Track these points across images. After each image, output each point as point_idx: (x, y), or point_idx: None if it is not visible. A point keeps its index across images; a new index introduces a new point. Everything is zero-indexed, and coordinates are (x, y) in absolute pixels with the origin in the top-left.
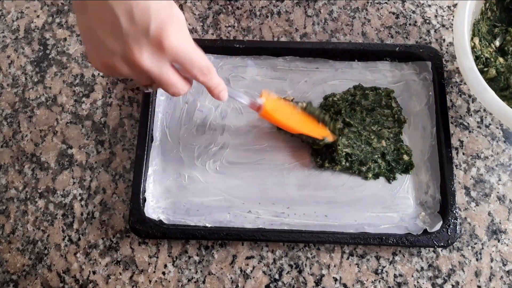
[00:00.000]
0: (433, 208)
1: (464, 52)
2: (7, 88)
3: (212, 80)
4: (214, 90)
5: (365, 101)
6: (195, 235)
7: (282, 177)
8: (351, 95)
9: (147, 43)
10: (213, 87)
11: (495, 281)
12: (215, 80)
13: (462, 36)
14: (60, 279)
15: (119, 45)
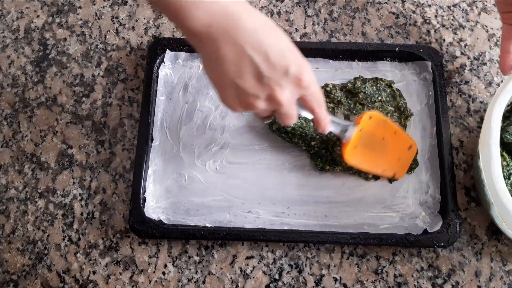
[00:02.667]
0: (433, 208)
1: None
2: (7, 88)
3: (323, 113)
4: (321, 122)
5: (365, 89)
6: (195, 235)
7: (282, 177)
8: (350, 83)
9: (288, 82)
10: (322, 119)
11: (495, 281)
12: (324, 113)
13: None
14: (60, 279)
15: (262, 89)
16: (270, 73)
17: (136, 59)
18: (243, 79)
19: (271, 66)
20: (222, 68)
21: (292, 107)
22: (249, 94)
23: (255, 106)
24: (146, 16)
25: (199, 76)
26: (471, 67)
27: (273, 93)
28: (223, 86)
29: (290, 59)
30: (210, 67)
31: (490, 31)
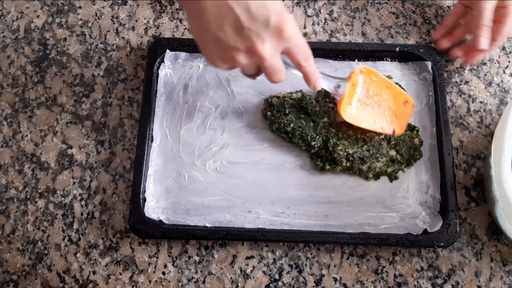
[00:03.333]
0: (433, 208)
1: None
2: (7, 88)
3: (311, 66)
4: (311, 78)
5: None
6: (195, 235)
7: (282, 177)
8: None
9: (268, 34)
10: (311, 74)
11: (495, 281)
12: (313, 67)
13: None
14: (60, 279)
15: (241, 41)
16: (250, 24)
17: (136, 59)
18: (223, 31)
19: (251, 17)
20: (204, 21)
21: (276, 60)
22: (229, 46)
23: (235, 60)
24: (146, 16)
25: (199, 76)
26: (471, 67)
27: (253, 45)
28: (205, 40)
29: (271, 10)
30: (193, 22)
31: None
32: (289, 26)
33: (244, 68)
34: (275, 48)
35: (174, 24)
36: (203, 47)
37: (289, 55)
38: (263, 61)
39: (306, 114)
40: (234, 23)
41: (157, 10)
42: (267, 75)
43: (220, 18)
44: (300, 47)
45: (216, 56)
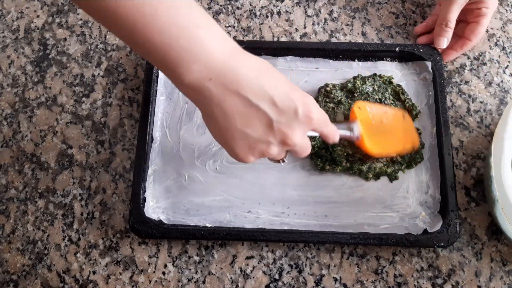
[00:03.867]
0: (433, 208)
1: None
2: (7, 88)
3: (330, 128)
4: (331, 137)
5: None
6: (195, 235)
7: (282, 177)
8: (349, 83)
9: (298, 124)
10: (331, 134)
11: (495, 281)
12: (332, 127)
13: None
14: (60, 279)
15: (273, 135)
16: (280, 118)
17: (136, 59)
18: (252, 128)
19: (279, 110)
20: (229, 122)
21: (305, 140)
22: (261, 142)
23: (269, 153)
24: None
25: None
26: (471, 67)
27: (286, 137)
28: (232, 139)
29: (296, 99)
30: (213, 122)
31: (490, 31)
32: (314, 110)
33: (274, 157)
34: (304, 132)
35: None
36: (230, 146)
37: (314, 130)
38: (295, 147)
39: None
40: (263, 119)
41: None
42: (297, 155)
43: (246, 117)
44: (324, 121)
45: (246, 153)
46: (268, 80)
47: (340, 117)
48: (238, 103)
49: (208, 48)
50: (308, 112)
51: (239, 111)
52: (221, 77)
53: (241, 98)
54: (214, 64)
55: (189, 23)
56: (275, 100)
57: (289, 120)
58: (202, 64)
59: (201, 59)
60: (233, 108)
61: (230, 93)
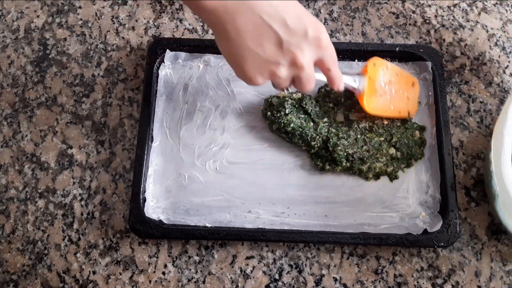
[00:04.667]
0: (433, 208)
1: None
2: (7, 88)
3: (337, 70)
4: (337, 80)
5: None
6: (195, 235)
7: (282, 177)
8: None
9: (308, 45)
10: (337, 77)
11: (495, 281)
12: (339, 70)
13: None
14: (60, 279)
15: (283, 55)
16: (290, 38)
17: (136, 59)
18: (263, 47)
19: (290, 31)
20: (240, 40)
21: (312, 69)
22: (271, 61)
23: (276, 74)
24: (146, 16)
25: (199, 76)
26: (471, 67)
27: (295, 57)
28: (242, 58)
29: (307, 21)
30: (225, 41)
31: (490, 31)
32: (324, 35)
33: (281, 82)
34: (313, 57)
35: (174, 24)
36: (240, 65)
37: (322, 62)
38: (303, 71)
39: (306, 114)
40: (274, 39)
41: (157, 10)
42: (302, 84)
43: (258, 36)
44: (332, 54)
45: (255, 72)
46: (282, 2)
47: (340, 117)
48: (251, 21)
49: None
50: (318, 34)
51: (251, 29)
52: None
53: (255, 16)
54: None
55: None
56: (286, 21)
57: (299, 41)
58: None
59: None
60: (246, 26)
61: (244, 10)
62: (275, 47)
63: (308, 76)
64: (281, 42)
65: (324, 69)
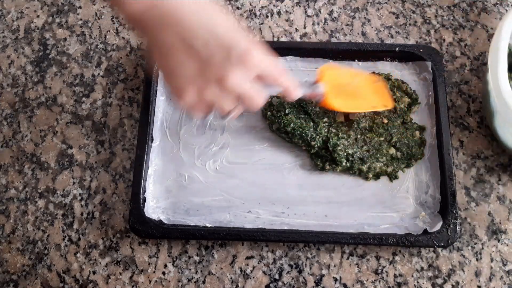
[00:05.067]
0: (433, 208)
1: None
2: (7, 88)
3: (287, 80)
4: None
5: None
6: (195, 235)
7: (282, 177)
8: None
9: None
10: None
11: (495, 281)
12: (289, 80)
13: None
14: (60, 279)
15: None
16: (212, 58)
17: (136, 59)
18: (185, 66)
19: (212, 51)
20: (164, 56)
21: (247, 87)
22: (195, 81)
23: (204, 93)
24: None
25: None
26: (471, 67)
27: (220, 79)
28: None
29: (233, 41)
30: (157, 52)
31: (490, 31)
32: (253, 53)
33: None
34: (247, 76)
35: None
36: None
37: (262, 78)
38: (234, 92)
39: (306, 114)
40: (196, 58)
41: None
42: (245, 104)
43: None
44: (270, 68)
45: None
46: (207, 19)
47: (340, 117)
48: (173, 39)
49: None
50: (244, 54)
51: (174, 47)
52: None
53: (177, 34)
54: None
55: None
56: (209, 40)
57: (222, 61)
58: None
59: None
60: (168, 44)
61: (167, 27)
62: (197, 66)
63: (244, 94)
64: (203, 62)
65: (270, 84)
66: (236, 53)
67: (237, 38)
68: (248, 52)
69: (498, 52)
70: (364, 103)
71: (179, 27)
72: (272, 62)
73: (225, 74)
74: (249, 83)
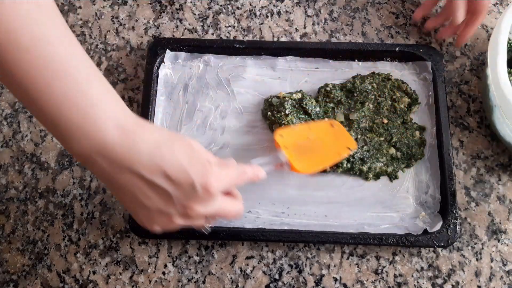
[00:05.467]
0: (433, 208)
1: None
2: (7, 88)
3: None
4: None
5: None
6: (195, 235)
7: (282, 177)
8: (349, 83)
9: (197, 197)
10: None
11: (495, 281)
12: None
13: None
14: (60, 279)
15: (174, 208)
16: (177, 191)
17: (136, 59)
18: (151, 201)
19: (175, 184)
20: (125, 195)
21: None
22: (162, 213)
23: (173, 224)
24: (146, 16)
25: (199, 76)
26: (471, 67)
27: (187, 210)
28: (133, 210)
29: (193, 173)
30: (113, 191)
31: (490, 31)
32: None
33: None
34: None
35: (174, 24)
36: (134, 215)
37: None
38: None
39: (306, 114)
40: (161, 192)
41: (157, 10)
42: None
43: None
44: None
45: (150, 223)
46: (163, 154)
47: (340, 117)
48: (132, 178)
49: (99, 126)
50: (206, 185)
51: (135, 185)
52: (111, 154)
53: (134, 174)
54: (104, 142)
55: (83, 100)
56: (169, 174)
57: (188, 194)
58: (91, 140)
59: (90, 136)
60: (128, 183)
61: (122, 169)
62: (163, 200)
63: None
64: (169, 196)
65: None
66: (199, 184)
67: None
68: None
69: (497, 45)
70: (329, 154)
71: (136, 168)
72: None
73: (192, 205)
74: (217, 202)
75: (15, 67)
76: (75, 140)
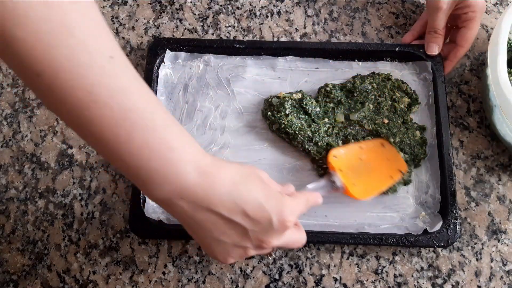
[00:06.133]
0: (433, 208)
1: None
2: (7, 88)
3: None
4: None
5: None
6: None
7: (282, 177)
8: (349, 83)
9: (273, 232)
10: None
11: (495, 281)
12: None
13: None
14: (60, 279)
15: (250, 242)
16: (255, 227)
17: (136, 59)
18: (228, 236)
19: (253, 221)
20: (204, 232)
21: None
22: (238, 247)
23: (248, 255)
24: (146, 16)
25: (199, 76)
26: (471, 67)
27: (263, 243)
28: (209, 246)
29: (270, 209)
30: (190, 231)
31: (490, 31)
32: (289, 215)
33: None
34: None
35: (174, 24)
36: (208, 250)
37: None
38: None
39: (306, 114)
40: (238, 229)
41: (157, 10)
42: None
43: (221, 228)
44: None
45: (225, 256)
46: (241, 193)
47: (340, 117)
48: (211, 217)
49: (179, 170)
50: (283, 220)
51: (213, 223)
52: (192, 195)
53: (213, 213)
54: (185, 185)
55: (163, 146)
56: (247, 212)
57: (265, 229)
58: (172, 185)
59: (172, 181)
60: (207, 222)
61: (202, 209)
62: (240, 235)
63: (291, 243)
64: (246, 231)
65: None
66: (276, 220)
67: (272, 203)
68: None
69: (497, 45)
70: (381, 177)
71: (215, 209)
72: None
73: (268, 239)
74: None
75: (95, 121)
76: (157, 186)
